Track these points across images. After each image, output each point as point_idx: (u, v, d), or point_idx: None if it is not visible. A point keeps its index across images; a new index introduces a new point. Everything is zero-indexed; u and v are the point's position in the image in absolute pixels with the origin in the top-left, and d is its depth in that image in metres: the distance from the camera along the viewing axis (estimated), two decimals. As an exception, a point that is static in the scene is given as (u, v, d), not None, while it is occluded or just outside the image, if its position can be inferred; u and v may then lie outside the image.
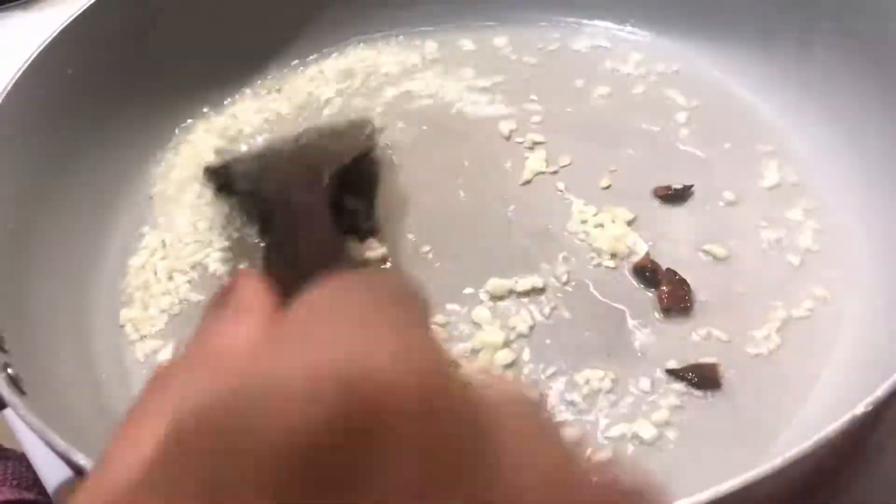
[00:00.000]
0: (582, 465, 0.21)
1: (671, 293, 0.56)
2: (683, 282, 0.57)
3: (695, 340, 0.55)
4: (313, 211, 0.53)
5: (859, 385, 0.47)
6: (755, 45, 0.71)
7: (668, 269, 0.58)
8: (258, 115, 0.74)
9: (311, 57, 0.79)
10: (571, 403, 0.52)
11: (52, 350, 0.53)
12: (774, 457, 0.38)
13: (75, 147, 0.63)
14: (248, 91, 0.77)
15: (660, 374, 0.53)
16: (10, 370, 0.44)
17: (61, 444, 0.39)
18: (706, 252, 0.59)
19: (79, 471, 0.39)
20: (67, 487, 0.54)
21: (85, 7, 0.64)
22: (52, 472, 0.55)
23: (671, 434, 0.50)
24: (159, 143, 0.71)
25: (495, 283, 0.58)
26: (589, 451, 0.49)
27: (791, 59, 0.68)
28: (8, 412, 0.46)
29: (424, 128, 0.72)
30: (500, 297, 0.58)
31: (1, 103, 0.56)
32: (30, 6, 0.91)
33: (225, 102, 0.75)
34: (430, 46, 0.79)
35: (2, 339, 0.47)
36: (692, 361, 0.53)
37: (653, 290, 0.57)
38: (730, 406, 0.51)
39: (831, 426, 0.38)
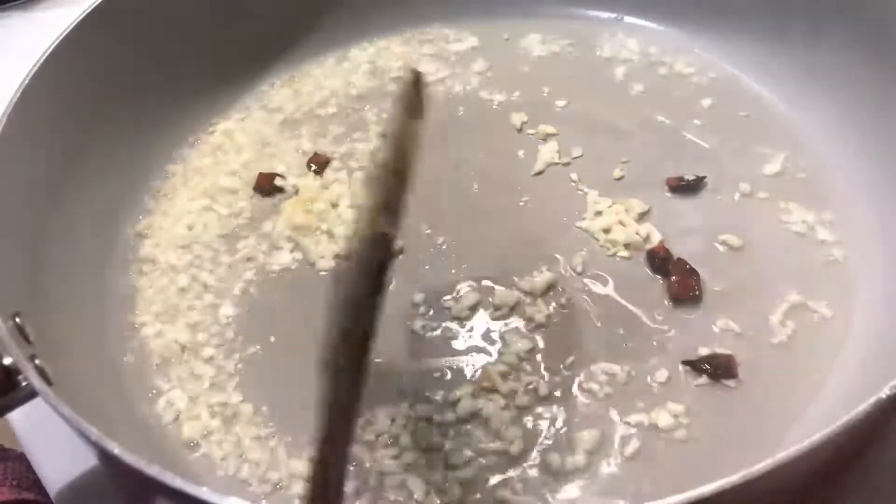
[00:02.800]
0: None
1: (680, 283, 0.57)
2: (693, 272, 0.57)
3: (711, 331, 0.55)
4: None
5: (876, 373, 0.48)
6: (766, 38, 0.71)
7: (678, 259, 0.58)
8: (272, 117, 0.74)
9: (323, 52, 0.79)
10: (590, 392, 0.53)
11: (72, 342, 0.53)
12: (789, 446, 0.38)
13: (88, 144, 0.63)
14: (264, 88, 0.77)
15: (676, 364, 0.53)
16: (37, 361, 0.44)
17: (94, 433, 0.39)
18: (721, 243, 0.60)
19: (111, 460, 0.39)
20: (71, 490, 0.54)
21: (96, 4, 0.64)
22: (52, 472, 0.55)
23: (688, 424, 0.51)
24: (171, 140, 0.71)
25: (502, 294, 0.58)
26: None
27: (800, 52, 0.69)
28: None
29: (436, 121, 0.72)
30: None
31: (17, 101, 0.56)
32: (30, 6, 0.90)
33: (239, 103, 0.76)
34: (444, 39, 0.80)
35: (26, 331, 0.47)
36: (709, 352, 0.54)
37: (664, 279, 0.58)
38: (746, 395, 0.52)
39: (857, 409, 0.38)
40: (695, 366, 0.53)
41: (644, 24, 0.78)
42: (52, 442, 0.55)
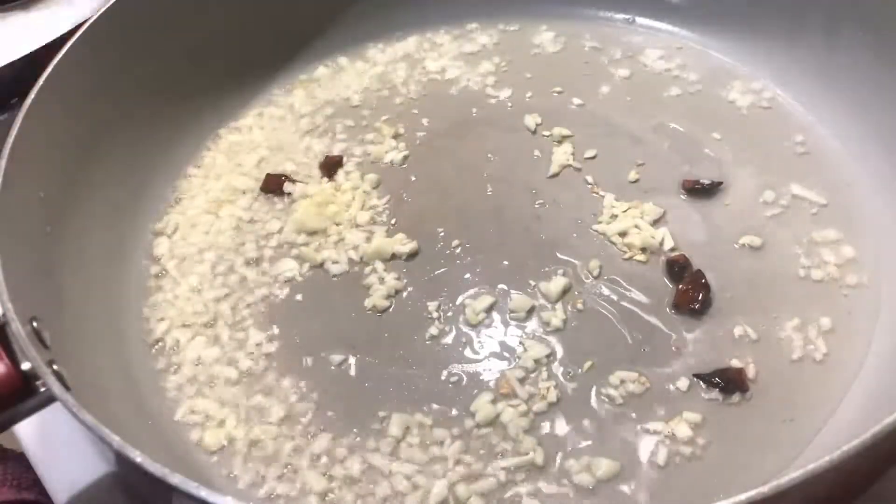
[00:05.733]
0: None
1: (684, 292, 0.56)
2: (703, 286, 0.56)
3: (728, 339, 0.55)
4: None
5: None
6: (782, 40, 0.71)
7: (697, 271, 0.58)
8: (286, 117, 0.74)
9: (337, 54, 0.78)
10: (609, 398, 0.52)
11: (88, 347, 0.53)
12: (809, 459, 0.38)
13: (104, 146, 0.62)
14: (279, 89, 0.76)
15: (691, 375, 0.53)
16: (55, 366, 0.44)
17: (117, 440, 0.39)
18: (736, 248, 0.60)
19: (130, 468, 0.39)
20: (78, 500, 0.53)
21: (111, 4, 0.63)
22: (52, 473, 0.54)
23: (707, 434, 0.50)
24: (187, 141, 0.71)
25: (518, 299, 0.58)
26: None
27: (818, 54, 0.68)
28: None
29: (450, 122, 0.72)
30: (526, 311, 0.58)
31: (32, 102, 0.55)
32: (30, 6, 0.89)
33: (255, 103, 0.75)
34: (457, 39, 0.79)
35: (43, 336, 0.46)
36: (724, 361, 0.53)
37: (675, 285, 0.58)
38: (759, 409, 0.51)
39: (884, 421, 0.38)
40: (706, 379, 0.53)
41: (657, 26, 0.78)
42: (58, 449, 0.55)
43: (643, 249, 0.60)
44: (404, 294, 0.60)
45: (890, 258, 0.58)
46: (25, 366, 0.44)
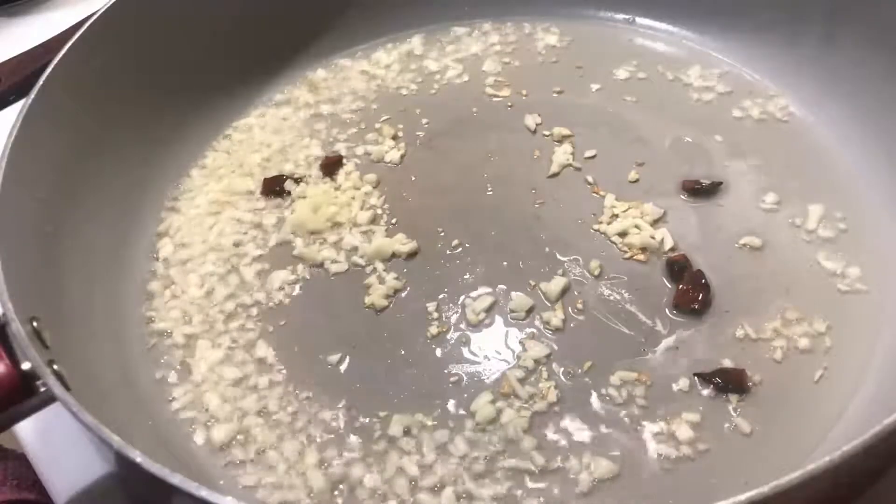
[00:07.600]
0: None
1: (684, 293, 0.56)
2: (703, 286, 0.56)
3: (727, 340, 0.55)
4: None
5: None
6: (781, 40, 0.71)
7: (697, 271, 0.58)
8: (289, 117, 0.74)
9: (339, 53, 0.79)
10: (609, 399, 0.52)
11: (88, 347, 0.53)
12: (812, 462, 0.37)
13: (106, 146, 0.62)
14: (282, 88, 0.76)
15: (690, 375, 0.53)
16: (55, 366, 0.44)
17: (116, 440, 0.39)
18: (736, 249, 0.60)
19: (130, 468, 0.39)
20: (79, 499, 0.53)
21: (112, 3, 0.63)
22: (52, 473, 0.54)
23: (702, 438, 0.50)
24: (188, 142, 0.71)
25: (518, 298, 0.58)
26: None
27: (818, 54, 0.68)
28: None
29: (450, 122, 0.72)
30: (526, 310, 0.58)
31: (32, 101, 0.55)
32: (34, 6, 0.90)
33: (257, 102, 0.75)
34: (459, 39, 0.79)
35: (44, 336, 0.46)
36: (724, 361, 0.53)
37: (675, 285, 0.57)
38: (760, 409, 0.51)
39: (884, 421, 0.38)
40: (707, 379, 0.53)
41: (657, 26, 0.78)
42: (59, 449, 0.55)
43: (643, 249, 0.60)
44: (404, 294, 0.60)
45: (892, 259, 0.58)
46: (25, 366, 0.43)
